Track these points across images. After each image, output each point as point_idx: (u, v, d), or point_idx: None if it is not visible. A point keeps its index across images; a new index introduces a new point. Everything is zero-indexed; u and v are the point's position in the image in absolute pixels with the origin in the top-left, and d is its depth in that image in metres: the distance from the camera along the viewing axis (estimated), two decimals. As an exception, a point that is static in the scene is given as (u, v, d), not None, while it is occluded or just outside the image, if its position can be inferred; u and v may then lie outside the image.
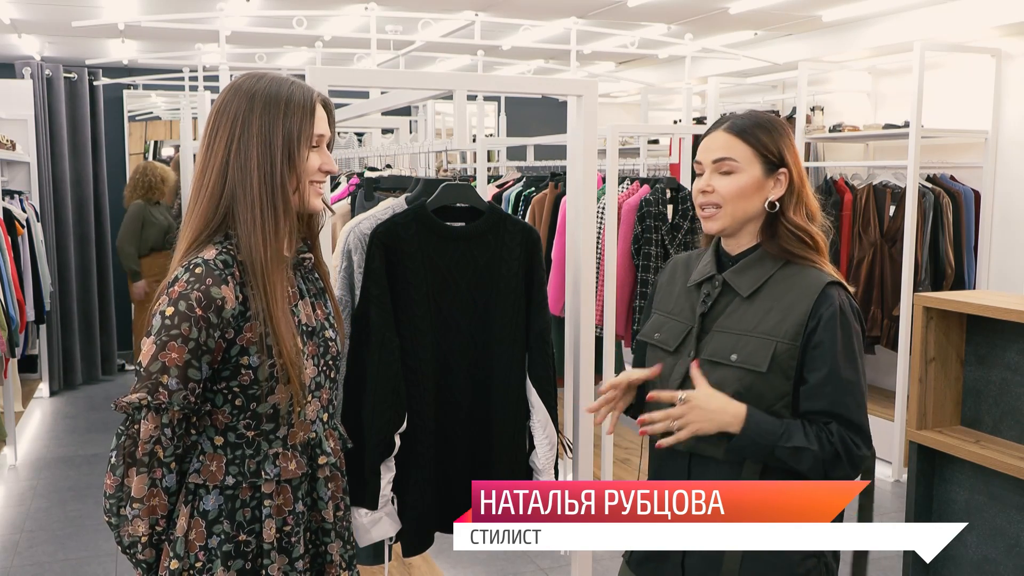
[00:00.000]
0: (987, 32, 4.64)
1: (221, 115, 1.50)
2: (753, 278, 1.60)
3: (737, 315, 1.60)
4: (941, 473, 2.68)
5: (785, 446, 1.50)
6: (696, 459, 1.61)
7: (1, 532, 3.96)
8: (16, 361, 5.31)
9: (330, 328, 1.63)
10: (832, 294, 1.55)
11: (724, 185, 1.59)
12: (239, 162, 1.47)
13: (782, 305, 1.57)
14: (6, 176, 5.60)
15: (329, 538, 1.62)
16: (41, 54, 6.53)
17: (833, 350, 1.52)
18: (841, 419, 1.53)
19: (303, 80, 1.64)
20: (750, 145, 1.59)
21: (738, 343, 1.57)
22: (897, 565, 3.53)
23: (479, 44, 5.04)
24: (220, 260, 1.45)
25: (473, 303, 2.15)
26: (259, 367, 1.47)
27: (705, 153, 1.63)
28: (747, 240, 1.63)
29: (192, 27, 4.96)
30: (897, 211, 4.67)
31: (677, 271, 1.76)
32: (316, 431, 1.59)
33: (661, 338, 1.68)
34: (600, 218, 3.94)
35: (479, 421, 2.20)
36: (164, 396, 1.41)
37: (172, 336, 1.40)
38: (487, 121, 7.28)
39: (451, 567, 3.55)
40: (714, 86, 5.49)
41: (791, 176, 1.60)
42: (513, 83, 4.10)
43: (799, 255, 1.59)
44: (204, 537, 1.49)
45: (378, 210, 2.39)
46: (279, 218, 1.48)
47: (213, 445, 1.51)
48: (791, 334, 1.54)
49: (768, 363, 1.54)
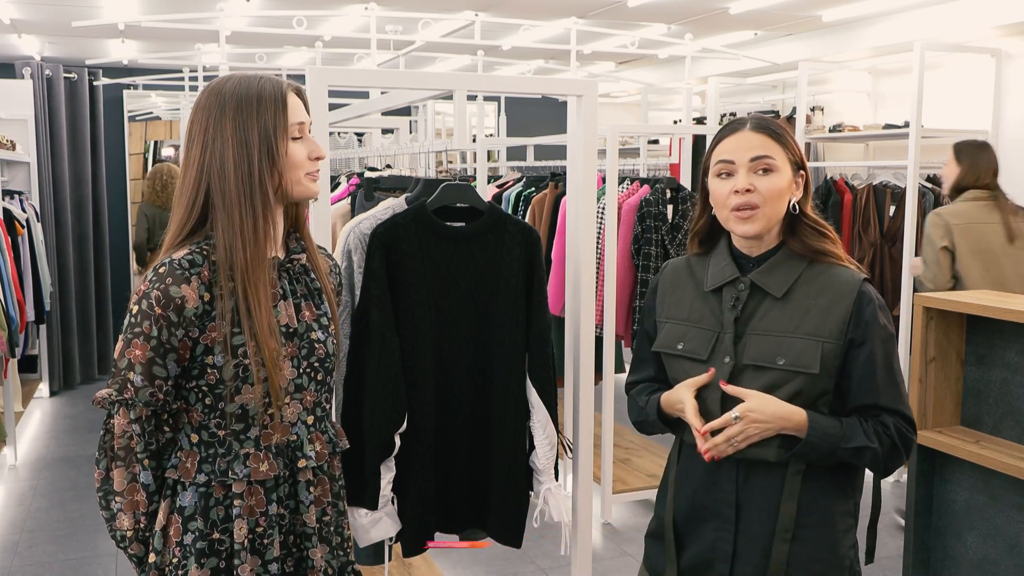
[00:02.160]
0: (987, 32, 4.64)
1: (196, 120, 1.51)
2: (783, 278, 1.59)
3: (772, 316, 1.58)
4: (941, 473, 2.68)
5: (847, 447, 1.52)
6: (744, 464, 1.59)
7: (1, 532, 3.96)
8: (16, 361, 5.31)
9: (319, 330, 1.60)
10: (869, 292, 1.57)
11: (765, 184, 1.56)
12: (215, 165, 1.47)
13: (821, 304, 1.56)
14: (6, 176, 5.60)
15: (311, 543, 1.59)
16: (41, 54, 6.53)
17: (878, 346, 1.55)
18: (892, 411, 1.55)
19: (296, 78, 1.64)
20: (783, 146, 1.59)
21: (782, 345, 1.55)
22: (897, 565, 3.53)
23: (479, 44, 5.04)
24: (187, 259, 1.46)
25: (473, 303, 2.15)
26: (224, 367, 1.47)
27: (739, 152, 1.57)
28: (769, 241, 1.62)
29: (192, 27, 4.96)
30: (897, 211, 4.67)
31: (680, 277, 1.72)
32: (298, 433, 1.57)
33: (688, 348, 1.64)
34: (600, 218, 3.94)
35: (479, 421, 2.20)
36: (130, 392, 1.44)
37: (136, 334, 1.44)
38: (487, 121, 7.28)
39: (451, 567, 3.55)
40: (714, 86, 5.49)
41: (807, 177, 1.63)
42: (513, 83, 4.10)
43: (822, 250, 1.60)
44: (180, 533, 1.50)
45: (378, 210, 2.39)
46: (258, 219, 1.47)
47: (190, 442, 1.52)
48: (835, 333, 1.55)
49: (819, 363, 1.53)
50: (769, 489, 1.57)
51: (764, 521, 1.57)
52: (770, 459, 1.55)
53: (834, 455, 1.53)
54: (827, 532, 1.58)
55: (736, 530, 1.59)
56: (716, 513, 1.61)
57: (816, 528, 1.57)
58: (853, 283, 1.57)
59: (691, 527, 1.65)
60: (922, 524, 2.68)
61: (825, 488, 1.58)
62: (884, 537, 3.89)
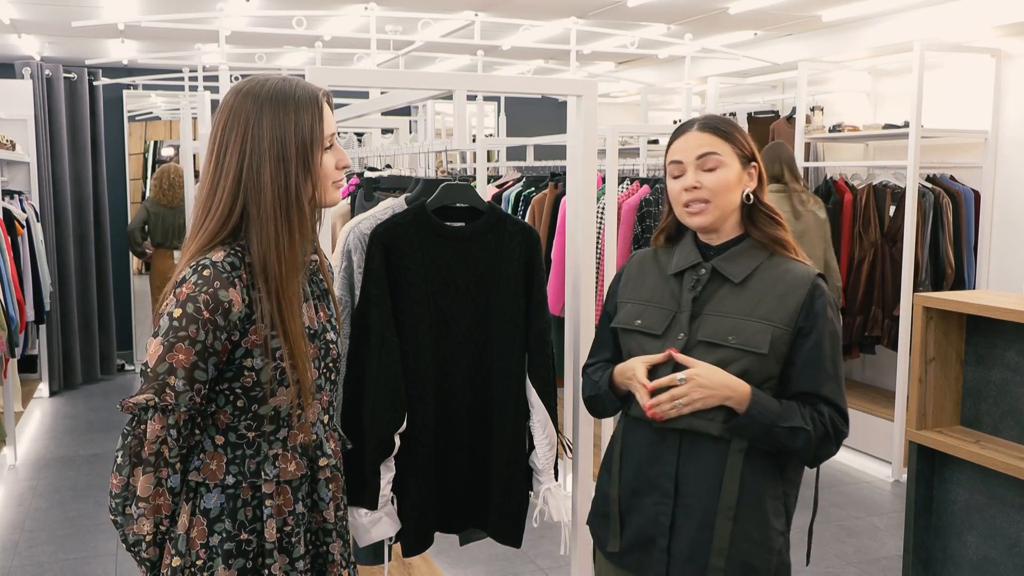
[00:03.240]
0: (987, 32, 4.64)
1: (229, 125, 1.47)
2: (743, 266, 1.68)
3: (729, 300, 1.66)
4: (941, 473, 2.68)
5: (783, 426, 1.59)
6: (687, 436, 1.65)
7: (1, 532, 3.96)
8: (16, 361, 5.31)
9: (331, 331, 1.63)
10: (822, 287, 1.66)
11: (711, 180, 1.67)
12: (251, 178, 1.45)
13: (776, 293, 1.65)
14: (6, 176, 5.60)
15: (331, 538, 1.63)
16: (41, 54, 6.53)
17: (826, 338, 1.63)
18: (828, 401, 1.63)
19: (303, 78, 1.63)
20: (728, 141, 1.69)
21: (736, 326, 1.64)
22: (897, 565, 3.53)
23: (479, 44, 5.04)
24: (228, 263, 1.44)
25: (473, 303, 2.15)
26: (262, 369, 1.47)
27: (684, 152, 1.70)
28: (729, 231, 1.71)
29: (192, 27, 4.96)
30: (897, 211, 4.67)
31: (646, 263, 1.81)
32: (317, 433, 1.60)
33: (644, 324, 1.72)
34: (600, 218, 3.94)
35: (479, 421, 2.20)
36: (171, 397, 1.41)
37: (180, 338, 1.40)
38: (487, 121, 7.28)
39: (451, 567, 3.55)
40: (714, 86, 5.49)
41: (759, 168, 1.72)
42: (513, 83, 4.09)
43: (778, 238, 1.70)
44: (205, 535, 1.50)
45: (378, 210, 2.39)
46: (293, 232, 1.47)
47: (214, 444, 1.51)
48: (786, 320, 1.63)
49: (768, 346, 1.61)
50: (709, 465, 1.63)
51: (703, 496, 1.64)
52: (713, 433, 1.62)
53: (771, 433, 1.59)
54: (760, 513, 1.64)
55: (675, 503, 1.66)
56: (657, 487, 1.68)
57: (750, 508, 1.63)
58: (807, 277, 1.66)
59: (635, 501, 1.71)
60: (922, 524, 2.68)
61: (762, 469, 1.64)
62: (884, 537, 3.89)
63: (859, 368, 5.59)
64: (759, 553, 1.63)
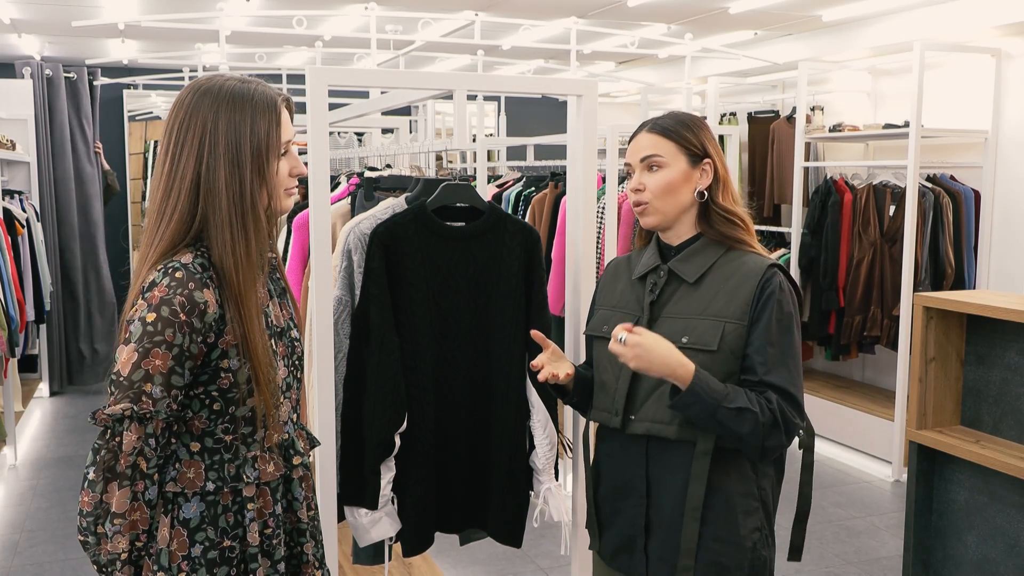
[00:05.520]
0: (987, 32, 4.64)
1: (187, 125, 1.43)
2: (698, 265, 1.69)
3: (685, 301, 1.68)
4: (941, 473, 2.68)
5: (729, 407, 1.56)
6: (653, 441, 1.67)
7: (1, 532, 3.96)
8: (16, 361, 5.31)
9: (294, 328, 1.60)
10: (773, 276, 1.65)
11: (653, 181, 1.70)
12: (208, 181, 1.42)
13: (728, 288, 1.65)
14: (6, 176, 5.60)
15: (304, 538, 1.61)
16: (41, 54, 6.53)
17: (769, 325, 1.62)
18: (776, 388, 1.60)
19: (296, 78, 1.61)
20: (673, 141, 1.70)
21: (688, 326, 1.65)
22: (897, 565, 3.53)
23: (479, 44, 5.04)
24: (198, 263, 1.42)
25: (473, 303, 2.15)
26: (239, 370, 1.44)
27: (632, 155, 1.73)
28: (686, 231, 1.73)
29: (192, 27, 4.96)
30: (897, 211, 4.67)
31: (620, 269, 1.84)
32: (288, 432, 1.57)
33: (609, 330, 1.72)
34: (600, 218, 3.94)
35: (479, 421, 2.20)
36: (148, 405, 1.35)
37: (156, 343, 1.35)
38: (487, 121, 7.28)
39: (451, 567, 3.55)
40: (714, 86, 5.49)
41: (715, 166, 1.71)
42: (513, 83, 4.09)
43: (733, 237, 1.70)
44: (187, 546, 1.45)
45: (378, 210, 2.39)
46: (250, 240, 1.44)
47: (189, 452, 1.47)
48: (738, 315, 1.63)
49: (718, 342, 1.62)
50: (675, 468, 1.65)
51: (672, 498, 1.66)
52: (671, 437, 1.64)
53: (716, 414, 1.56)
54: (728, 514, 1.64)
55: (648, 504, 1.69)
56: (634, 488, 1.71)
57: (717, 510, 1.64)
58: (759, 268, 1.66)
59: (618, 504, 1.75)
60: (922, 524, 2.68)
61: (727, 469, 1.65)
62: (884, 537, 3.89)
63: (859, 368, 5.59)
64: (729, 552, 1.64)
